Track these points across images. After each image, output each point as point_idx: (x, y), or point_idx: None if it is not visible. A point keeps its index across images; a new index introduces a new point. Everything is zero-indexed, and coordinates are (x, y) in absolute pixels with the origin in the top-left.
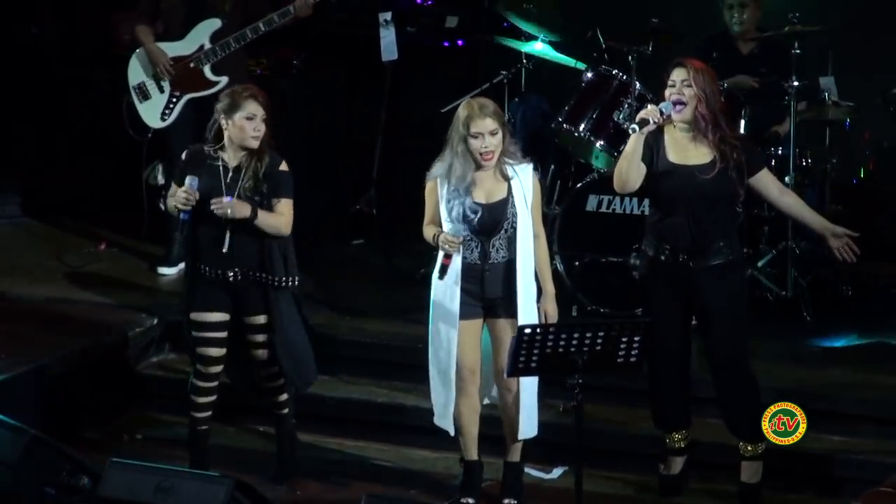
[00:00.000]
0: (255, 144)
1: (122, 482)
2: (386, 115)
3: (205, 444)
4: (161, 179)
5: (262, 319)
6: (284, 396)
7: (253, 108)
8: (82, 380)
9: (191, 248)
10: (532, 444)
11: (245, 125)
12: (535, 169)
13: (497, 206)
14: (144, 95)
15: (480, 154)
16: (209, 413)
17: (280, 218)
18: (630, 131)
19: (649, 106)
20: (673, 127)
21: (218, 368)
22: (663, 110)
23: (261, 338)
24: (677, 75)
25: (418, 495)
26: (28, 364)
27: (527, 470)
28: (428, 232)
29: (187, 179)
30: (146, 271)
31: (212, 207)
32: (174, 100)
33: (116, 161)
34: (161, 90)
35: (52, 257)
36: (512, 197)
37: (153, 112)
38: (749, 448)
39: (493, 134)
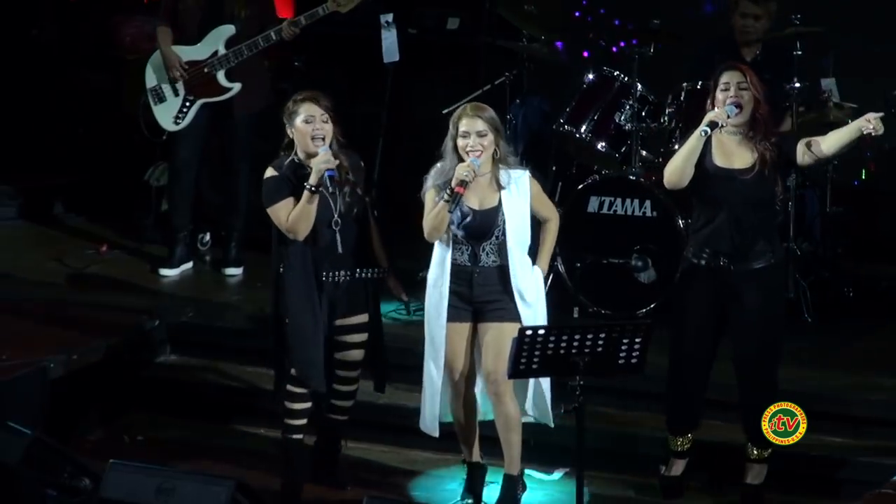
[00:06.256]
0: (316, 147)
1: (123, 484)
2: (387, 117)
3: (301, 454)
4: (163, 181)
5: (364, 318)
6: (352, 402)
7: (309, 109)
8: (83, 381)
9: (296, 254)
10: (534, 445)
11: (305, 129)
12: (532, 174)
13: (488, 213)
14: (159, 98)
15: (466, 152)
16: (304, 421)
17: (374, 223)
18: (702, 134)
19: (716, 110)
20: (720, 130)
21: None
22: (729, 113)
23: (359, 337)
24: (731, 78)
25: (420, 497)
26: (29, 366)
27: (528, 471)
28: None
29: (321, 149)
30: (148, 273)
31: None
32: (188, 104)
33: (117, 163)
34: (175, 93)
35: (54, 259)
36: (502, 206)
37: (167, 115)
38: (756, 451)
39: (480, 135)
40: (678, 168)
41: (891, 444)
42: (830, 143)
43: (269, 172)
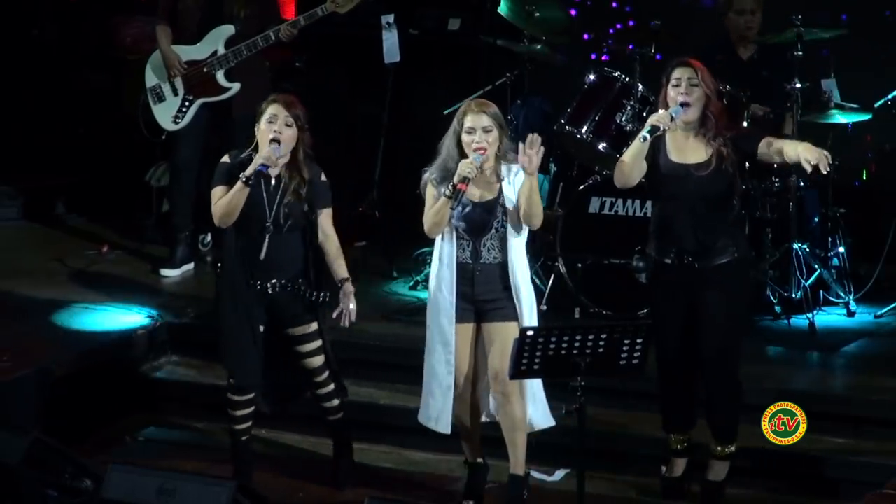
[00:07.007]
0: (268, 149)
1: (124, 484)
2: (388, 117)
3: (247, 454)
4: (164, 181)
5: (314, 327)
6: (337, 401)
7: (274, 110)
8: (85, 382)
9: (230, 256)
10: (535, 445)
11: (265, 128)
12: None
13: (488, 205)
14: (159, 97)
15: (473, 149)
16: (249, 423)
17: (331, 237)
18: (641, 140)
19: (660, 111)
20: (662, 132)
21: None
22: (674, 115)
23: (314, 345)
24: (682, 74)
25: (421, 498)
26: (31, 366)
27: (530, 472)
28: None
29: (273, 146)
30: (149, 273)
31: (342, 323)
32: (187, 103)
33: (118, 163)
34: (175, 93)
35: (55, 259)
36: (502, 197)
37: (166, 114)
38: (719, 448)
39: (486, 131)
40: (625, 171)
41: (892, 445)
42: (776, 150)
43: (223, 159)
